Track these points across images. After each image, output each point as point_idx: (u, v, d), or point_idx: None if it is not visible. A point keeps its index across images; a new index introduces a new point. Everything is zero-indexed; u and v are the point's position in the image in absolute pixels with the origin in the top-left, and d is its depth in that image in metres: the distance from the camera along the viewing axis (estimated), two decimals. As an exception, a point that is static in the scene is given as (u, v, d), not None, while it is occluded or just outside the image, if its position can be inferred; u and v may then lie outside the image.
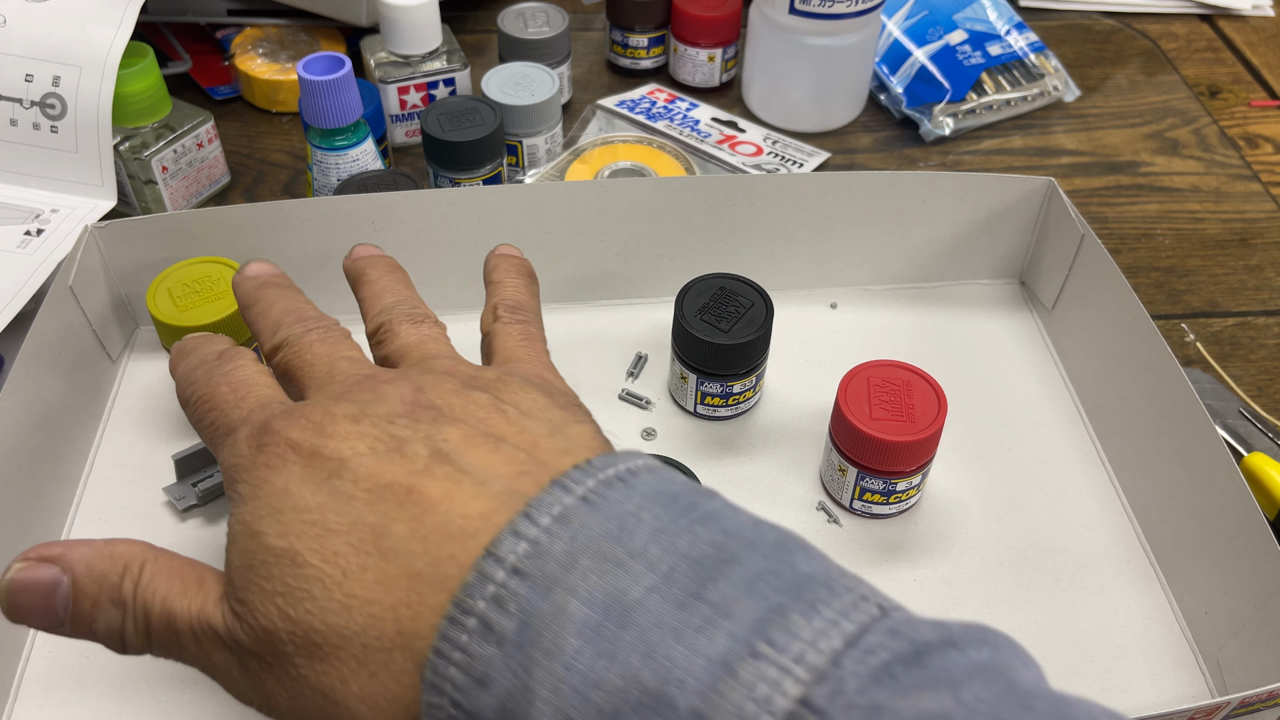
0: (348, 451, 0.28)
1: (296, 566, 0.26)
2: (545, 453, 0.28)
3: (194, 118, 0.56)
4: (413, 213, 0.48)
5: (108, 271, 0.48)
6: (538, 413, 0.30)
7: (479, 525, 0.26)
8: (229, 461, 0.29)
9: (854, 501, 0.43)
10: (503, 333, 0.36)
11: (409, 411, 0.29)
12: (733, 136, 0.63)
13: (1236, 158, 0.67)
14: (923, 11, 0.69)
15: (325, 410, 0.29)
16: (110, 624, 0.28)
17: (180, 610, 0.28)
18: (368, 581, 0.26)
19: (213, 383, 0.32)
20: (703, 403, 0.46)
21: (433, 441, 0.28)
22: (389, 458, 0.27)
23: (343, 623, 0.25)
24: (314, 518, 0.27)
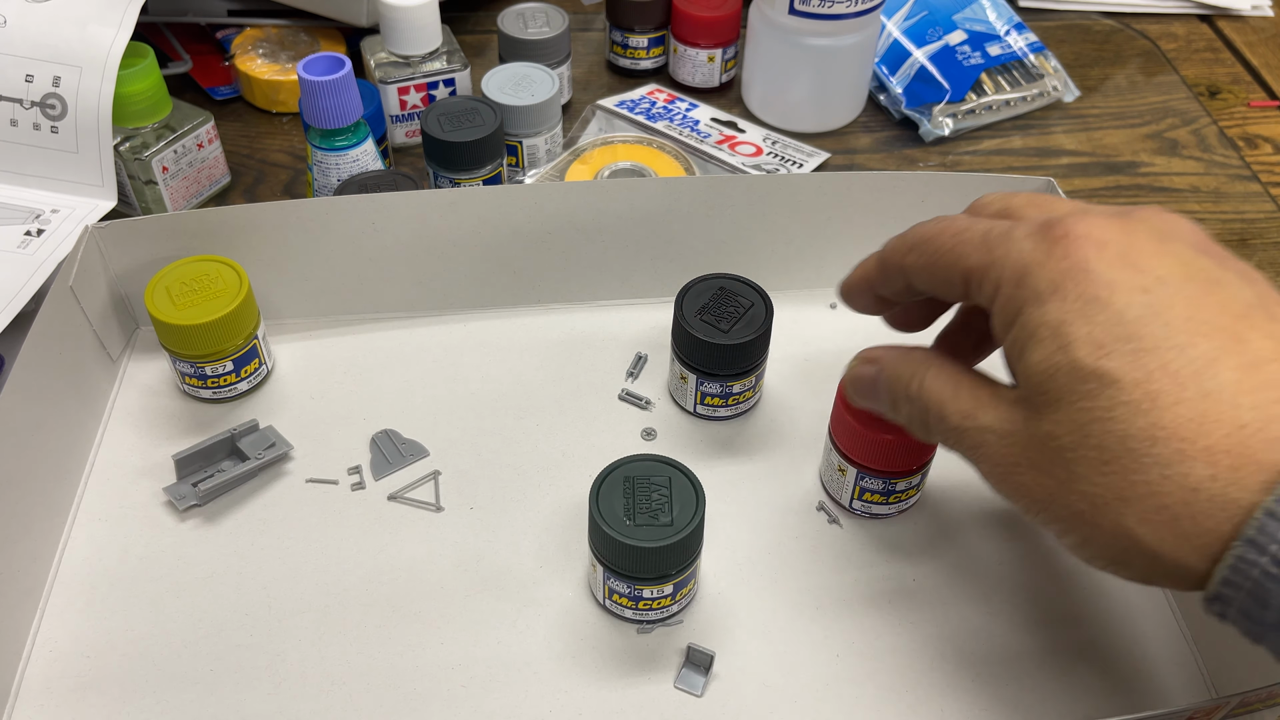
0: (1163, 270, 0.28)
1: (1104, 386, 0.27)
2: None
3: (194, 118, 0.56)
4: (413, 213, 0.48)
5: (108, 272, 0.48)
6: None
7: None
8: (1010, 258, 0.29)
9: (854, 501, 0.43)
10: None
11: (1207, 250, 0.29)
12: (732, 137, 0.63)
13: (1236, 158, 0.67)
14: (922, 12, 0.69)
15: (1123, 221, 0.29)
16: (907, 415, 0.33)
17: (951, 411, 0.31)
18: (1181, 415, 0.26)
19: (935, 224, 0.33)
20: (702, 403, 0.46)
21: (1249, 291, 0.28)
22: (1209, 290, 0.27)
23: (1143, 450, 0.26)
24: (1128, 331, 0.27)
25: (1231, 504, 0.25)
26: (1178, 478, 0.26)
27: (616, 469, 0.38)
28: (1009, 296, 0.30)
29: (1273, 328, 0.27)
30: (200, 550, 0.42)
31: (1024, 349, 0.29)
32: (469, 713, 0.37)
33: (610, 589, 0.38)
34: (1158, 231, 0.29)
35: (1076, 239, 0.28)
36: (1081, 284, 0.28)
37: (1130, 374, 0.26)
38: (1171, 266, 0.28)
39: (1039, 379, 0.28)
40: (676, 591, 0.38)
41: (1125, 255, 0.28)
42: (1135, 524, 0.27)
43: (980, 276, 0.31)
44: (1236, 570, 0.26)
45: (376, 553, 0.42)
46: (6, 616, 0.38)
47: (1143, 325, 0.27)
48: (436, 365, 0.49)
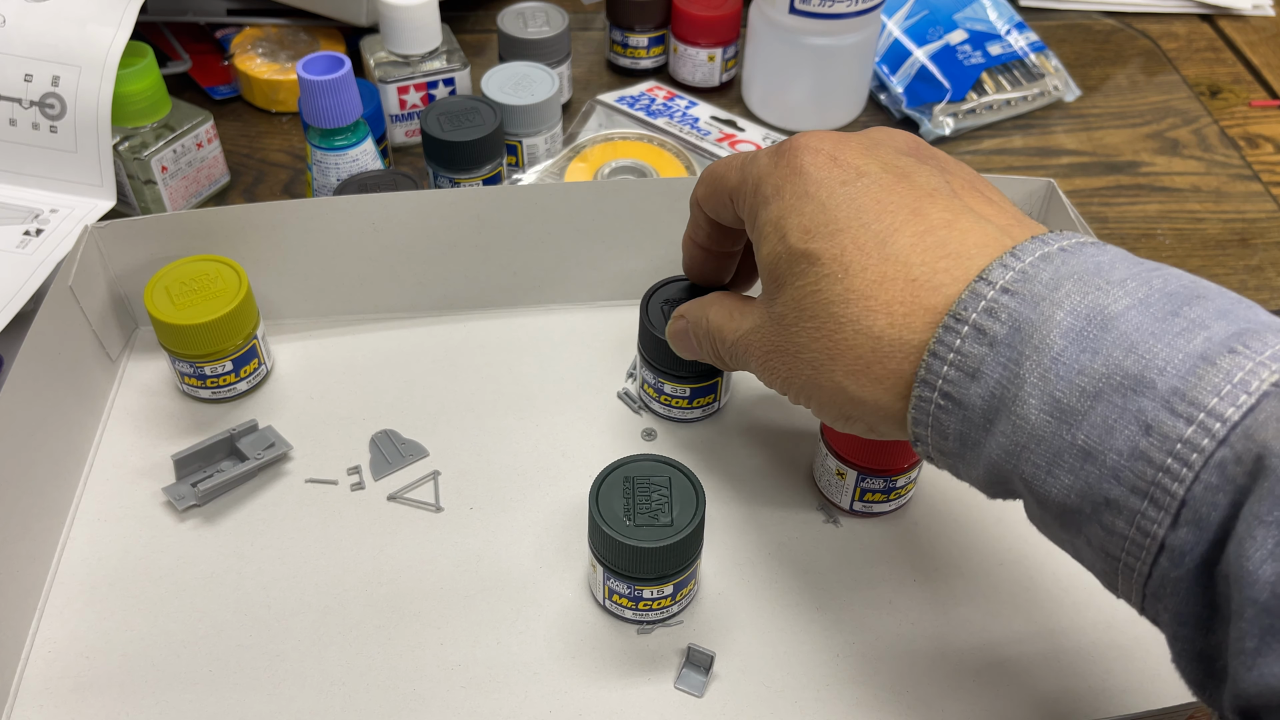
0: (863, 165, 0.33)
1: (809, 264, 0.32)
2: (1022, 218, 0.33)
3: (193, 117, 0.56)
4: (413, 213, 0.48)
5: (107, 271, 0.48)
6: (1000, 195, 0.35)
7: (974, 251, 0.30)
8: (754, 177, 0.35)
9: (854, 503, 0.43)
10: None
11: (913, 152, 0.34)
12: (732, 135, 0.63)
13: (1237, 158, 0.67)
14: (923, 11, 0.69)
15: (839, 136, 0.34)
16: (708, 350, 0.39)
17: (727, 331, 0.37)
18: (868, 279, 0.31)
19: (716, 161, 0.39)
20: (661, 402, 0.46)
21: (937, 178, 0.33)
22: (899, 178, 0.32)
23: (840, 311, 0.31)
24: (827, 217, 0.32)
25: (907, 346, 0.30)
26: (865, 330, 0.30)
27: (616, 469, 0.38)
28: (750, 205, 0.35)
29: (951, 203, 0.31)
30: (200, 550, 0.42)
31: (758, 246, 0.34)
32: (469, 713, 0.37)
33: (610, 589, 0.38)
34: (870, 139, 0.34)
35: (797, 149, 0.34)
36: (796, 183, 0.33)
37: (828, 250, 0.31)
38: (871, 164, 0.33)
39: (769, 269, 0.34)
40: (676, 592, 0.38)
41: (834, 158, 0.33)
42: (843, 377, 0.31)
43: (736, 193, 0.36)
44: (918, 408, 0.30)
45: (376, 553, 0.42)
46: (6, 616, 0.38)
47: (839, 210, 0.32)
48: (436, 365, 0.49)
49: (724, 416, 0.48)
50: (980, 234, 0.30)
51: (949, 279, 0.30)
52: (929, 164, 0.34)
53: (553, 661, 0.39)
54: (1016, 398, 0.27)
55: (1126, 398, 0.26)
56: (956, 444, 0.30)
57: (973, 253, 0.30)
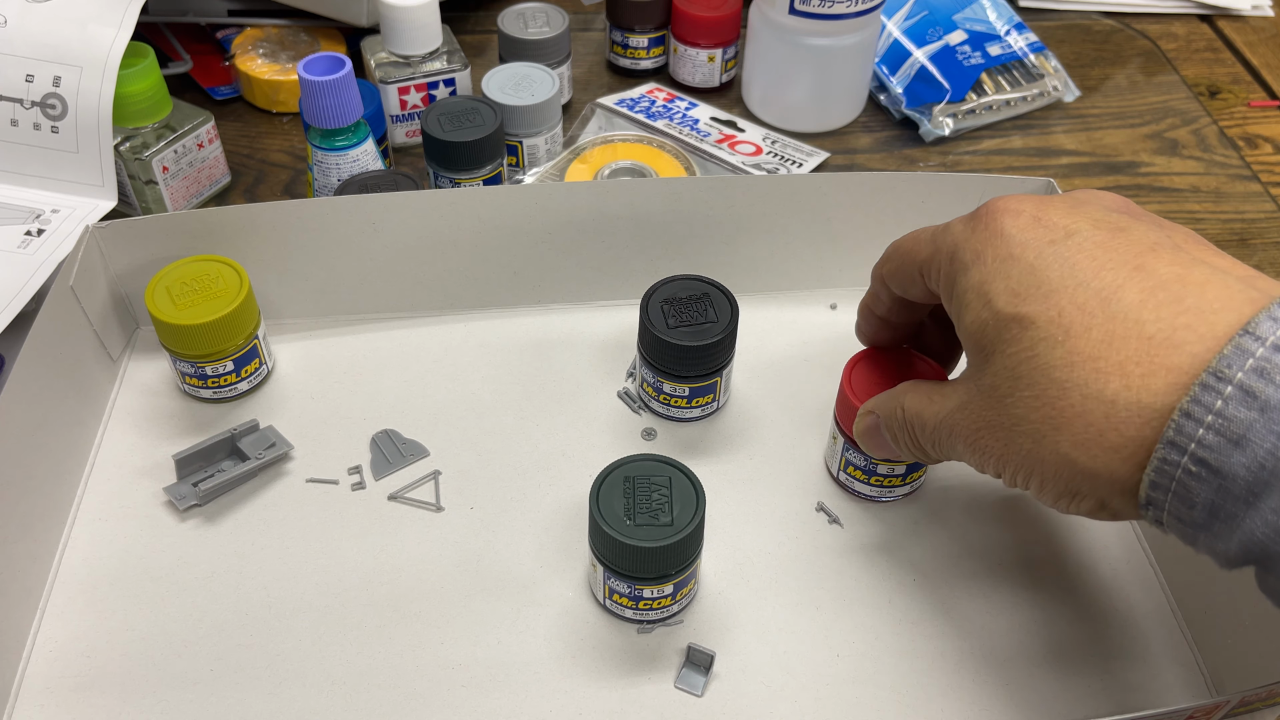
0: (1071, 224, 0.30)
1: (1023, 328, 0.29)
2: (1261, 274, 0.29)
3: (194, 118, 0.56)
4: (413, 213, 0.48)
5: (108, 272, 0.48)
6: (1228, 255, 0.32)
7: (1216, 305, 0.27)
8: (948, 246, 0.33)
9: (840, 473, 0.44)
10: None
11: (1125, 209, 0.32)
12: (732, 136, 0.63)
13: (1236, 158, 0.67)
14: (922, 12, 0.69)
15: (1040, 196, 0.32)
16: (906, 444, 0.36)
17: (928, 417, 0.34)
18: (1093, 339, 0.28)
19: (902, 237, 0.37)
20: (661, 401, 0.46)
21: (1156, 232, 0.30)
22: (1114, 233, 0.30)
23: (1064, 376, 0.28)
24: (1037, 279, 0.29)
25: (1147, 410, 0.27)
26: (1096, 395, 0.28)
27: (617, 469, 0.38)
28: (946, 274, 0.33)
29: (1176, 256, 0.29)
30: (200, 550, 0.42)
31: (959, 315, 0.32)
32: (469, 713, 0.37)
33: (611, 589, 0.38)
34: (1074, 199, 0.32)
35: (994, 212, 0.32)
36: (998, 247, 0.31)
37: (1044, 313, 0.29)
38: (1080, 222, 0.30)
39: (974, 338, 0.31)
40: (677, 591, 0.38)
41: (1038, 219, 0.31)
42: (1070, 448, 0.28)
43: (929, 266, 0.34)
44: (1160, 472, 0.27)
45: (377, 553, 0.42)
46: (7, 616, 0.38)
47: (1051, 271, 0.29)
48: (436, 365, 0.49)
49: (723, 416, 0.48)
50: (1220, 287, 0.28)
51: (1193, 336, 0.27)
52: (1144, 220, 0.31)
53: (553, 661, 0.39)
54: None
55: None
56: (1204, 515, 0.27)
57: (1216, 307, 0.27)
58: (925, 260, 0.34)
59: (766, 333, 0.51)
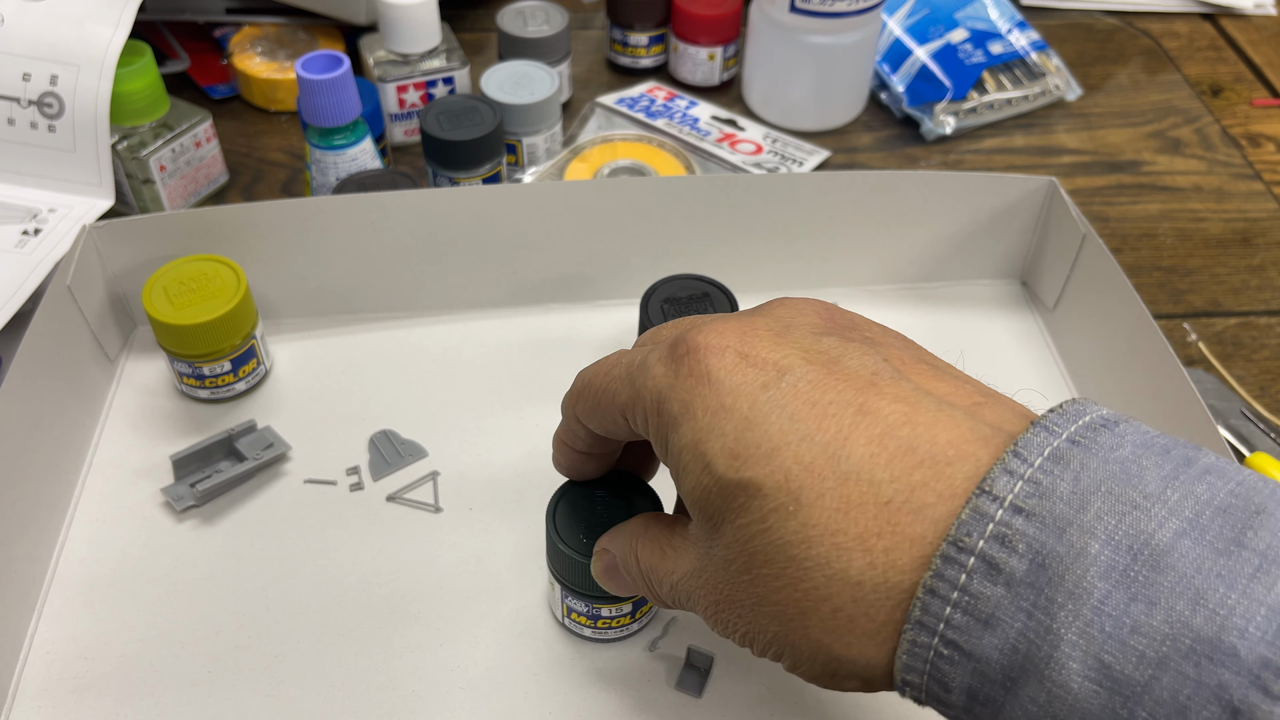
0: (782, 359, 0.27)
1: (749, 496, 0.26)
2: (986, 391, 0.27)
3: (192, 116, 0.56)
4: (412, 212, 0.48)
5: (105, 271, 0.47)
6: (944, 364, 0.29)
7: (951, 454, 0.24)
8: (646, 388, 0.28)
9: None
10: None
11: (833, 328, 0.28)
12: (732, 135, 0.63)
13: (1239, 157, 0.67)
14: (924, 10, 0.69)
15: (742, 321, 0.28)
16: (646, 593, 0.32)
17: (663, 575, 0.30)
18: (827, 508, 0.25)
19: (591, 368, 0.32)
20: None
21: (871, 357, 0.27)
22: (829, 368, 0.26)
23: (802, 554, 0.25)
24: (756, 435, 0.26)
25: (895, 590, 0.24)
26: (838, 575, 0.24)
27: (575, 485, 0.37)
28: (655, 426, 0.29)
29: (899, 388, 0.26)
30: (198, 551, 0.42)
31: (678, 478, 0.28)
32: (468, 714, 0.37)
33: (569, 607, 0.38)
34: (779, 322, 0.29)
35: (696, 351, 0.27)
36: (707, 396, 0.27)
37: (770, 478, 0.25)
38: (791, 355, 0.27)
39: (699, 506, 0.27)
40: (636, 610, 0.38)
41: (745, 355, 0.27)
42: (821, 634, 0.25)
43: (631, 411, 0.30)
44: (912, 655, 0.24)
45: (375, 554, 0.42)
46: (4, 617, 0.38)
47: (769, 423, 0.26)
48: (436, 365, 0.49)
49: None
50: (950, 426, 0.25)
51: (931, 495, 0.24)
52: (854, 340, 0.28)
53: (552, 663, 0.38)
54: (1051, 658, 0.22)
55: (1201, 668, 0.20)
56: (964, 699, 0.24)
57: (950, 455, 0.24)
58: (626, 404, 0.30)
59: (767, 332, 0.51)
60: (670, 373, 0.28)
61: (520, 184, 0.49)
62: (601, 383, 0.31)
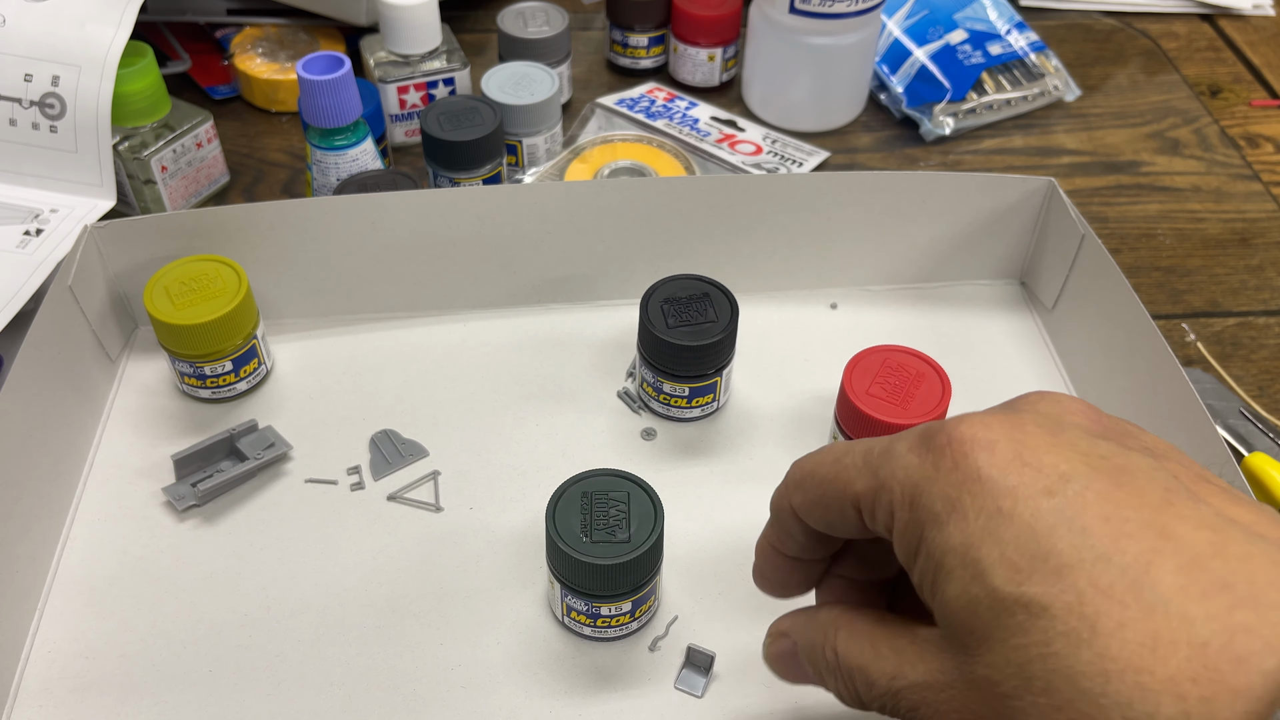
0: (1065, 465, 0.24)
1: (1032, 616, 0.23)
2: (1269, 508, 0.24)
3: (193, 117, 0.56)
4: (412, 213, 0.48)
5: (107, 271, 0.47)
6: (1227, 484, 0.26)
7: (1275, 596, 0.21)
8: (895, 478, 0.26)
9: None
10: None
11: (1105, 433, 0.26)
12: (732, 135, 0.63)
13: (1237, 157, 0.67)
14: (923, 11, 0.69)
15: (1006, 419, 0.25)
16: (834, 687, 0.29)
17: (877, 676, 0.27)
18: (1129, 640, 0.22)
19: (812, 457, 0.29)
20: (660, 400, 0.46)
21: (1161, 473, 0.24)
22: (1119, 480, 0.24)
23: (1097, 689, 0.22)
24: (1043, 548, 0.23)
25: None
26: (1140, 718, 0.21)
27: (574, 484, 0.37)
28: (906, 521, 0.26)
29: (1200, 512, 0.23)
30: (199, 551, 0.42)
31: (936, 582, 0.25)
32: (468, 714, 0.37)
33: (569, 606, 0.38)
34: (1049, 420, 0.26)
35: (962, 443, 0.25)
36: (979, 496, 0.24)
37: (1060, 598, 0.22)
38: (1073, 460, 0.24)
39: (960, 616, 0.24)
40: (635, 609, 0.38)
41: (1020, 455, 0.24)
42: None
43: (871, 502, 0.27)
44: None
45: (376, 553, 0.42)
46: (5, 617, 0.38)
47: (1057, 536, 0.23)
48: (436, 365, 0.49)
49: (723, 416, 0.48)
50: (1268, 565, 0.22)
51: (1257, 643, 0.21)
52: (1133, 448, 0.25)
53: (553, 662, 0.39)
54: None
55: None
56: None
57: (1273, 598, 0.22)
58: (863, 494, 0.27)
59: (766, 333, 0.51)
60: (929, 464, 0.25)
61: (520, 184, 0.49)
62: (829, 471, 0.28)
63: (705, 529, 0.43)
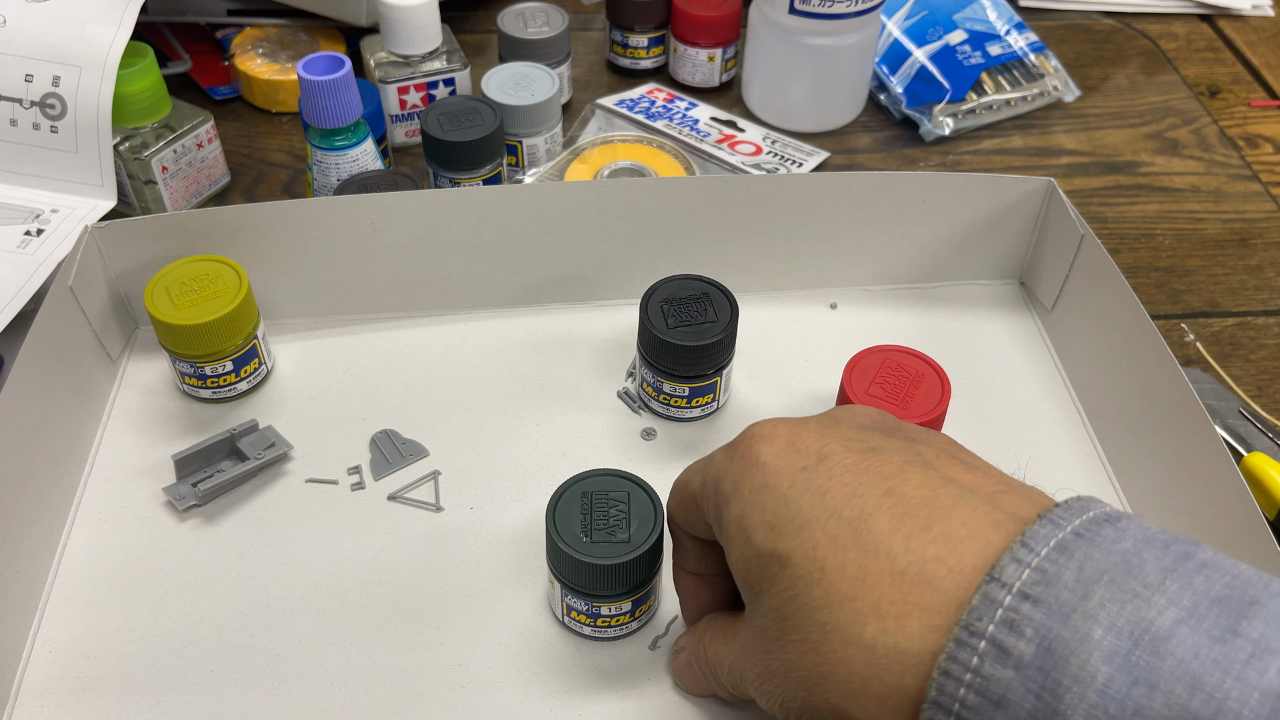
0: (824, 447, 0.29)
1: (782, 565, 0.28)
2: (1011, 482, 0.29)
3: (194, 118, 0.56)
4: (413, 213, 0.48)
5: (107, 271, 0.48)
6: (979, 460, 0.31)
7: (964, 533, 0.26)
8: (709, 474, 0.32)
9: None
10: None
11: (878, 426, 0.31)
12: (732, 136, 0.63)
13: (1236, 158, 0.67)
14: (922, 11, 0.69)
15: (796, 420, 0.31)
16: (717, 685, 0.34)
17: (724, 660, 0.32)
18: (848, 576, 0.27)
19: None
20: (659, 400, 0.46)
21: (907, 451, 0.29)
22: (865, 455, 0.29)
23: (824, 619, 0.27)
24: (791, 510, 0.28)
25: (906, 656, 0.25)
26: (854, 639, 0.26)
27: (574, 484, 0.38)
28: (713, 507, 0.31)
29: (926, 476, 0.28)
30: (200, 550, 0.42)
31: (727, 552, 0.30)
32: (469, 713, 0.37)
33: (569, 606, 0.38)
34: (830, 418, 0.32)
35: (751, 438, 0.30)
36: (754, 476, 0.30)
37: (799, 549, 0.27)
38: (833, 444, 0.29)
39: (741, 575, 0.30)
40: (636, 609, 0.38)
41: (791, 443, 0.30)
42: (840, 699, 0.26)
43: (701, 498, 0.32)
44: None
45: (376, 553, 0.42)
46: (6, 617, 0.38)
47: (803, 500, 0.28)
48: (436, 365, 0.49)
49: (723, 416, 0.48)
50: (967, 511, 0.27)
51: (942, 569, 0.26)
52: (896, 436, 0.30)
53: (553, 661, 0.39)
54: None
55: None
56: None
57: (962, 534, 0.26)
58: (697, 492, 0.33)
59: (766, 333, 0.51)
60: (728, 458, 0.31)
61: (520, 185, 0.49)
62: (684, 477, 0.34)
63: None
